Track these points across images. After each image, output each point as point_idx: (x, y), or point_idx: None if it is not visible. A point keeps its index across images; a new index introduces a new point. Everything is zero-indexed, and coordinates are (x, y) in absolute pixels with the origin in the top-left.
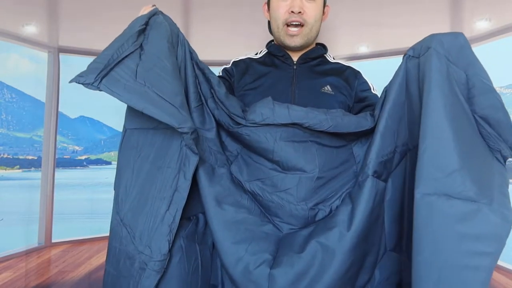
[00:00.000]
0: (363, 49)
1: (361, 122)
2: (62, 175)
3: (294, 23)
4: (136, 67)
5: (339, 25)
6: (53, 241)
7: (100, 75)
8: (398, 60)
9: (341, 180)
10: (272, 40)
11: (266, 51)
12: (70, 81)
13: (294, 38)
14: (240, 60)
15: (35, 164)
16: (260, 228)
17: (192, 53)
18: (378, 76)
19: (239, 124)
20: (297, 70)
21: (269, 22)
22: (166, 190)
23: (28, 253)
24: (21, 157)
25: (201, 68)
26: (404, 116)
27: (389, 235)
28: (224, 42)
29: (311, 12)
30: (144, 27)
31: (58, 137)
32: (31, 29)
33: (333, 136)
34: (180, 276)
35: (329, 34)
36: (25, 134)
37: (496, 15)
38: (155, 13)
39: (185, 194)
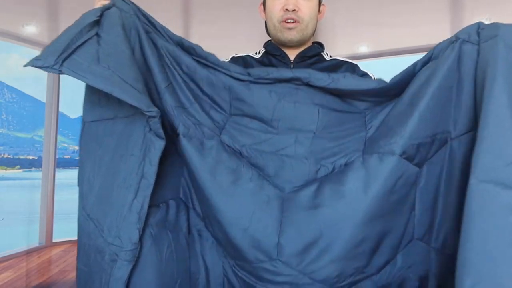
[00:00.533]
0: (363, 49)
1: (362, 81)
2: (63, 175)
3: (289, 20)
4: (96, 52)
5: (339, 25)
6: (53, 240)
7: (60, 57)
8: (398, 60)
9: (345, 141)
10: (270, 40)
11: (264, 50)
12: (25, 65)
13: (291, 32)
14: (239, 56)
15: (36, 164)
16: (261, 193)
17: (151, 33)
18: (378, 76)
19: (242, 80)
20: (294, 69)
21: (266, 23)
22: (131, 178)
23: (28, 252)
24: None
25: (179, 42)
26: (450, 103)
27: (418, 224)
28: (224, 42)
29: (306, 9)
30: (99, 18)
31: (58, 137)
32: (31, 29)
33: (343, 102)
34: (153, 265)
35: (329, 33)
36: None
37: (496, 14)
38: (109, 7)
39: (152, 180)
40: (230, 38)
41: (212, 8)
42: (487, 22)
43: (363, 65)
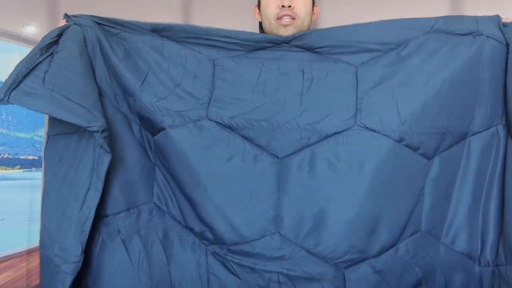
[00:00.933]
0: None
1: (353, 29)
2: None
3: (285, 17)
4: (44, 74)
5: (339, 24)
6: None
7: (9, 89)
8: None
9: (335, 98)
10: None
11: None
12: None
13: (288, 28)
14: None
15: (36, 164)
16: (256, 166)
17: (121, 33)
18: None
19: (229, 44)
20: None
21: (260, 24)
22: (79, 190)
23: (29, 252)
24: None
25: (153, 28)
26: (468, 99)
27: (428, 217)
28: None
29: (301, 6)
30: (57, 39)
31: None
32: (31, 29)
33: (331, 59)
34: (124, 270)
35: None
36: (26, 134)
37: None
38: (68, 26)
39: (98, 193)
40: None
41: (212, 9)
42: None
43: None
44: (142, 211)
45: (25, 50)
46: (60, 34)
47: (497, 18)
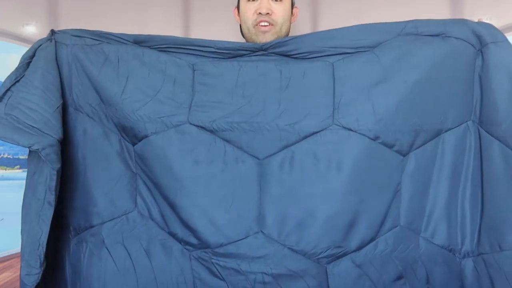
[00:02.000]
0: None
1: (329, 35)
2: None
3: (263, 23)
4: (6, 100)
5: (338, 25)
6: None
7: None
8: None
9: (312, 97)
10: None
11: None
12: None
13: (266, 35)
14: None
15: None
16: (237, 167)
17: (102, 44)
18: None
19: (207, 53)
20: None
21: (240, 26)
22: (38, 204)
23: None
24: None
25: (135, 40)
26: (440, 98)
27: (406, 212)
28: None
29: (279, 12)
30: (30, 60)
31: None
32: (31, 29)
33: (308, 59)
34: (113, 278)
35: None
36: None
37: (497, 14)
38: (40, 45)
39: (51, 208)
40: (230, 39)
41: (212, 9)
42: (487, 21)
43: None
44: (125, 220)
45: (24, 50)
46: (33, 54)
47: (465, 20)
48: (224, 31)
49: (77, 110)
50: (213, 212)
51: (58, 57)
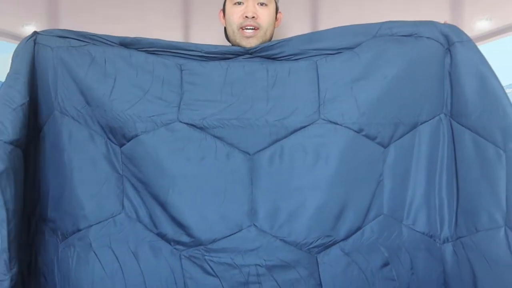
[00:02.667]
0: None
1: (309, 38)
2: None
3: (249, 27)
4: None
5: (338, 25)
6: None
7: None
8: None
9: (298, 93)
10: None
11: None
12: None
13: (250, 40)
14: None
15: None
16: (228, 163)
17: (88, 45)
18: None
19: (194, 56)
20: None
21: (225, 28)
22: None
23: None
24: None
25: (121, 42)
26: (417, 92)
27: (388, 201)
28: (224, 42)
29: (264, 16)
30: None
31: None
32: (31, 29)
33: (292, 59)
34: (101, 282)
35: None
36: None
37: (497, 14)
38: (23, 44)
39: (3, 212)
40: None
41: (212, 8)
42: (487, 21)
43: None
44: (112, 223)
45: None
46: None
47: (433, 22)
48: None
49: (63, 114)
50: (206, 208)
51: (41, 60)
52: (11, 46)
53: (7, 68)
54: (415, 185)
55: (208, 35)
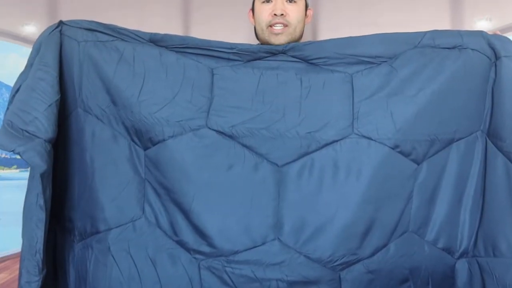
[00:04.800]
0: None
1: (347, 43)
2: None
3: (278, 25)
4: (8, 106)
5: (338, 25)
6: None
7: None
8: None
9: (332, 106)
10: (259, 44)
11: None
12: None
13: (279, 37)
14: None
15: None
16: (256, 174)
17: (116, 41)
18: None
19: (226, 54)
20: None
21: (254, 27)
22: (31, 209)
23: None
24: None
25: (151, 39)
26: (457, 107)
27: (415, 217)
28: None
29: (293, 13)
30: (33, 62)
31: None
32: (31, 29)
33: (327, 68)
34: (114, 287)
35: (329, 34)
36: None
37: (496, 14)
38: (40, 42)
39: (42, 212)
40: (230, 38)
41: (212, 7)
42: (487, 21)
43: None
44: (131, 228)
45: (24, 50)
46: (37, 53)
47: (481, 32)
48: (224, 29)
49: (86, 112)
50: (230, 218)
51: (67, 53)
52: (11, 46)
53: (7, 67)
54: (442, 203)
55: (208, 36)
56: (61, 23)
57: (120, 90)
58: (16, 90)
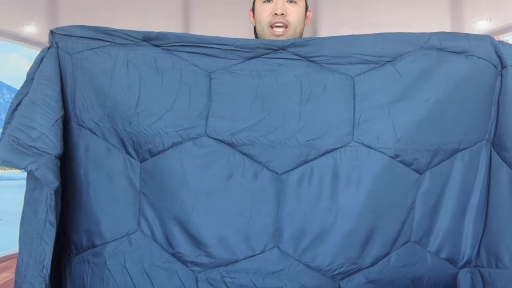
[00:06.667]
0: None
1: (350, 41)
2: None
3: (278, 24)
4: (10, 123)
5: (338, 25)
6: None
7: None
8: None
9: (332, 111)
10: None
11: None
12: None
13: (279, 38)
14: None
15: None
16: (256, 182)
17: (110, 46)
18: None
19: (225, 50)
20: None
21: (254, 27)
22: (39, 225)
23: None
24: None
25: (145, 37)
26: (457, 116)
27: (417, 227)
28: None
29: (294, 14)
30: (33, 76)
31: None
32: (31, 29)
33: (328, 69)
34: None
35: (329, 34)
36: None
37: (496, 14)
38: (42, 57)
39: (53, 228)
40: (229, 36)
41: (212, 7)
42: (487, 21)
43: None
44: (127, 242)
45: (24, 50)
46: (37, 68)
47: (489, 38)
48: (223, 29)
49: (80, 126)
50: (229, 227)
51: (61, 67)
52: (12, 46)
53: (7, 67)
54: (446, 213)
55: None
56: (52, 32)
57: (117, 102)
58: (16, 105)
